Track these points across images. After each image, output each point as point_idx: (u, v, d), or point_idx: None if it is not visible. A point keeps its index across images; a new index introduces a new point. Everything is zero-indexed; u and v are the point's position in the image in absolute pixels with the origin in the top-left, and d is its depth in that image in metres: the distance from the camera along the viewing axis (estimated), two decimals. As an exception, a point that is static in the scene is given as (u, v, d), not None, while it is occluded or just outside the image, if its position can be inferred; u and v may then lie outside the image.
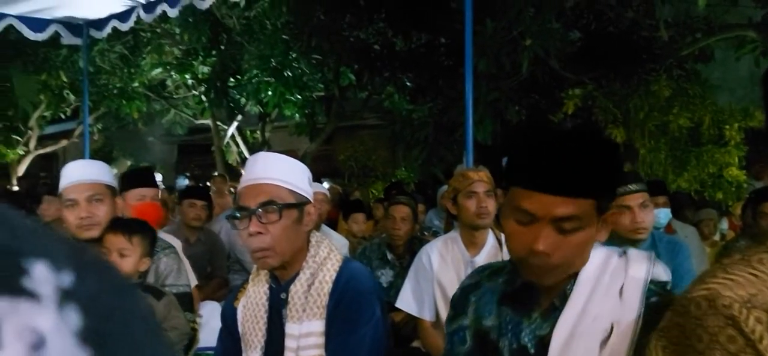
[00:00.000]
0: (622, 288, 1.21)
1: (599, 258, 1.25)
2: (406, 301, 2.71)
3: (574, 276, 1.23)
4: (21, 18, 5.66)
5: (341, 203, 6.60)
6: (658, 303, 1.16)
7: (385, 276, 3.61)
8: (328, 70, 8.64)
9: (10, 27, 5.69)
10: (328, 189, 8.48)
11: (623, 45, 7.04)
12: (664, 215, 3.34)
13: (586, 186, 1.15)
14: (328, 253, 1.72)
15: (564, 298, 1.23)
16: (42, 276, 0.25)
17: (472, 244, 2.61)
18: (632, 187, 2.58)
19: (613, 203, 1.27)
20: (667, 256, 2.60)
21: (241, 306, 1.78)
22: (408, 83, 7.96)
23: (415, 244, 3.52)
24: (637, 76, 6.84)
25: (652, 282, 1.21)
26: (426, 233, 4.59)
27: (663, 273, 1.27)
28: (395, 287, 3.25)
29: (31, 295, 0.24)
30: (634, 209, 2.53)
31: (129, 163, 13.52)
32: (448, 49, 7.48)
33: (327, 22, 7.61)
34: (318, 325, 1.65)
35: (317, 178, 9.01)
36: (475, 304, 1.37)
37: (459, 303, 1.42)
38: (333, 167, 12.18)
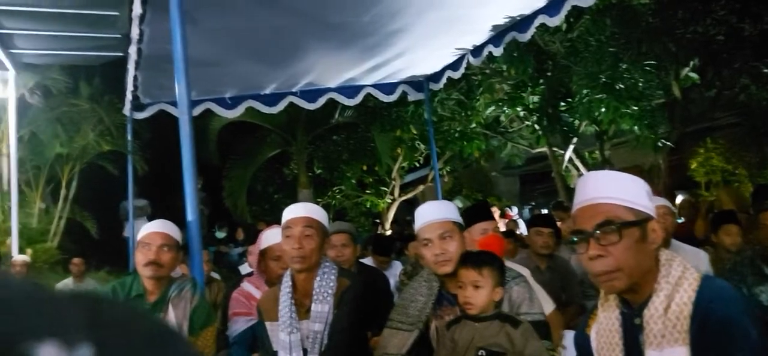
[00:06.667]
0: None
1: None
2: (796, 320, 2.32)
3: None
4: (375, 86, 6.55)
5: (706, 215, 6.00)
6: None
7: (766, 293, 3.17)
8: (666, 74, 8.01)
9: (368, 95, 6.63)
10: (682, 202, 7.79)
11: None
12: None
13: None
14: (682, 271, 1.56)
15: None
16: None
17: None
18: None
19: None
20: None
21: (594, 333, 1.72)
22: (765, 70, 6.91)
23: (798, 254, 3.02)
24: None
25: None
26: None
27: None
28: (778, 305, 2.83)
29: None
30: None
31: (478, 198, 14.31)
32: (814, 20, 6.32)
33: (657, 24, 7.09)
34: (682, 352, 1.48)
35: (669, 191, 8.35)
36: None
37: None
38: (685, 177, 11.15)
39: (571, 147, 9.68)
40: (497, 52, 5.53)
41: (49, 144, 8.10)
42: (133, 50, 4.85)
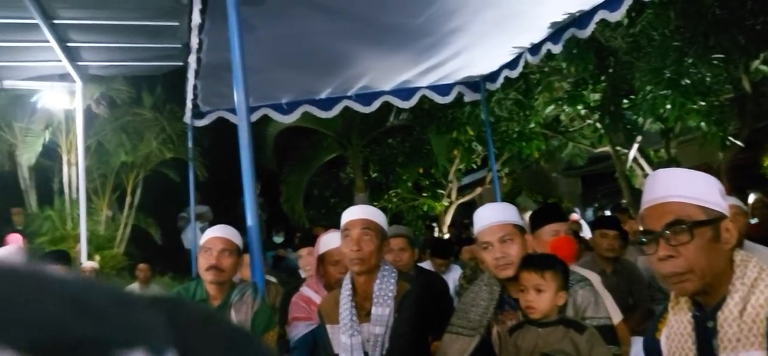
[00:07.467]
0: None
1: None
2: None
3: None
4: (430, 87, 6.53)
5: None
6: None
7: None
8: (735, 67, 7.67)
9: (423, 97, 6.61)
10: (754, 201, 7.44)
11: None
12: None
13: None
14: (758, 272, 1.49)
15: None
16: None
17: None
18: None
19: None
20: None
21: (664, 338, 1.66)
22: None
23: None
24: None
25: None
26: None
27: None
28: None
29: None
30: None
31: (539, 200, 14.08)
32: None
33: (724, 15, 6.80)
34: (758, 356, 1.44)
35: (740, 190, 8.00)
36: None
37: None
38: (757, 175, 10.66)
39: (636, 146, 9.39)
40: (556, 49, 5.41)
41: (115, 153, 8.40)
42: (192, 59, 4.97)
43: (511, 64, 6.02)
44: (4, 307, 0.22)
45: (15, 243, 6.56)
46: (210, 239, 2.90)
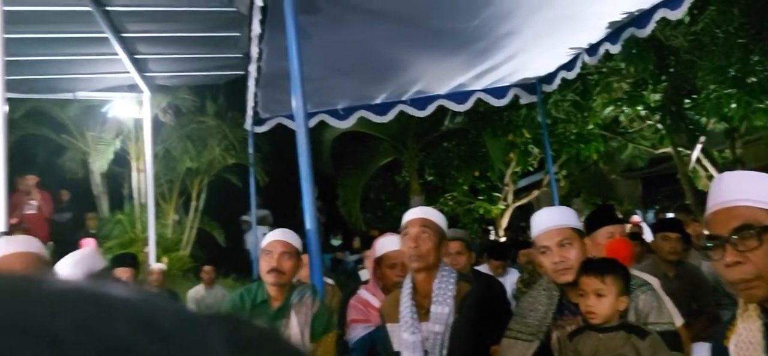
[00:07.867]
0: None
1: None
2: None
3: None
4: (486, 90, 6.50)
5: None
6: None
7: None
8: (806, 64, 7.34)
9: (479, 100, 6.59)
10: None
11: None
12: None
13: None
14: None
15: None
16: None
17: None
18: None
19: None
20: None
21: (733, 345, 1.62)
22: None
23: None
24: None
25: None
26: None
27: None
28: None
29: None
30: None
31: (597, 202, 13.79)
32: None
33: (793, 11, 6.54)
34: (834, 366, 1.40)
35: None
36: None
37: None
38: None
39: (699, 147, 9.10)
40: (614, 49, 5.32)
41: (181, 159, 8.71)
42: (252, 68, 5.11)
43: (568, 65, 5.94)
44: (73, 328, 0.22)
45: (89, 247, 6.85)
46: (271, 242, 2.99)
